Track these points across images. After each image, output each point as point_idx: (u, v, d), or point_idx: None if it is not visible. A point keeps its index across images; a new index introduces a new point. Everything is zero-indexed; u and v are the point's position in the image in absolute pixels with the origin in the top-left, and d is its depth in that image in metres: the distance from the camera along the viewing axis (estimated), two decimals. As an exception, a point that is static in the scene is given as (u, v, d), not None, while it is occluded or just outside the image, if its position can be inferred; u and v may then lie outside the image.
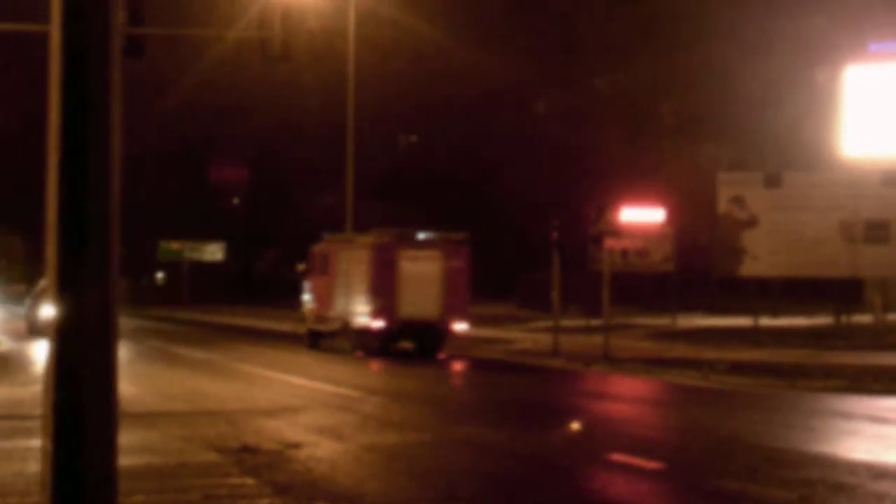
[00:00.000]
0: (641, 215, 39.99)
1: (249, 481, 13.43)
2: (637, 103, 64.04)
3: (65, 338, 3.76)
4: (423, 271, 35.16)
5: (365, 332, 35.28)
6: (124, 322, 42.91)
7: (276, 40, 31.03)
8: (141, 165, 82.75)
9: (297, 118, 75.77)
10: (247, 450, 15.59)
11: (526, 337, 41.56)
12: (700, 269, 50.19)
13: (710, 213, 46.01)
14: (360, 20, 49.83)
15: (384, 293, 34.73)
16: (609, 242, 35.52)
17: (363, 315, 35.38)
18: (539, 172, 66.63)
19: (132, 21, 30.04)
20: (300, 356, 35.46)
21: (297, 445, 16.00)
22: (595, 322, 39.95)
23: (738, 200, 44.20)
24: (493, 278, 67.19)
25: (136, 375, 28.69)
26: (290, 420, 18.97)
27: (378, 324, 34.75)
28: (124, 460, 13.73)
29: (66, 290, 3.75)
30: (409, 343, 35.90)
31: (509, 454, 15.65)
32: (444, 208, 71.29)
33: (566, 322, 39.08)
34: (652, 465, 14.56)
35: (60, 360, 3.76)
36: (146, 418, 19.15)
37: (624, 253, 40.57)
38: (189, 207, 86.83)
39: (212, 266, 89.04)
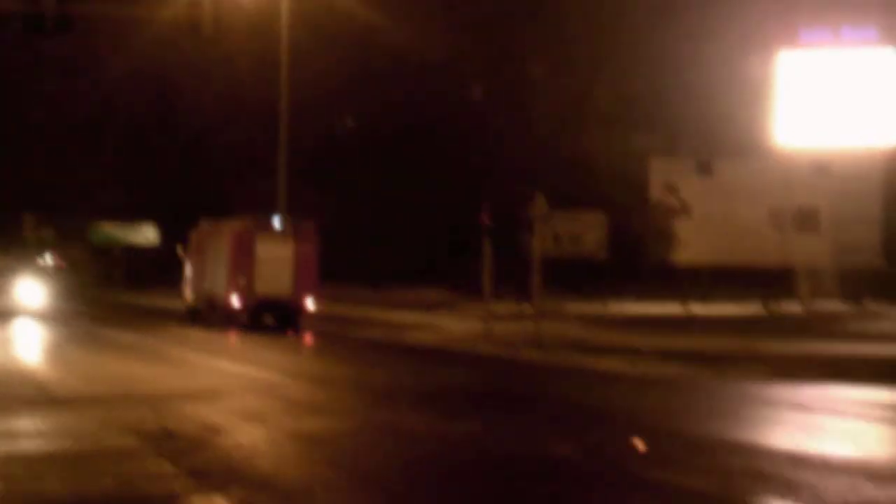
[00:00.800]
0: (572, 201, 39.97)
1: (166, 466, 13.24)
2: (570, 89, 64.01)
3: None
4: (277, 254, 39.32)
5: (227, 308, 39.63)
6: (55, 305, 42.53)
7: (207, 20, 30.71)
8: (70, 143, 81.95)
9: (231, 100, 75.13)
10: (166, 434, 15.38)
11: (457, 323, 41.49)
12: (632, 255, 50.33)
13: (643, 200, 46.16)
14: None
15: (242, 273, 39.24)
16: (540, 227, 35.48)
17: (225, 293, 39.72)
18: (473, 156, 66.47)
19: (60, -1, 29.70)
20: (230, 339, 35.24)
21: (218, 430, 15.81)
22: (528, 308, 39.94)
23: (670, 188, 44.38)
24: (427, 264, 67.05)
25: (61, 359, 28.43)
26: (213, 404, 18.75)
27: (236, 301, 39.29)
28: (40, 445, 13.54)
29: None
30: (270, 319, 40.17)
31: (431, 440, 15.54)
32: (379, 192, 71.05)
33: (499, 308, 39.05)
34: (571, 453, 14.49)
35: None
36: (66, 402, 18.91)
37: (556, 238, 40.54)
38: (120, 187, 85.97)
39: (145, 247, 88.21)
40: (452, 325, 40.57)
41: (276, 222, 40.60)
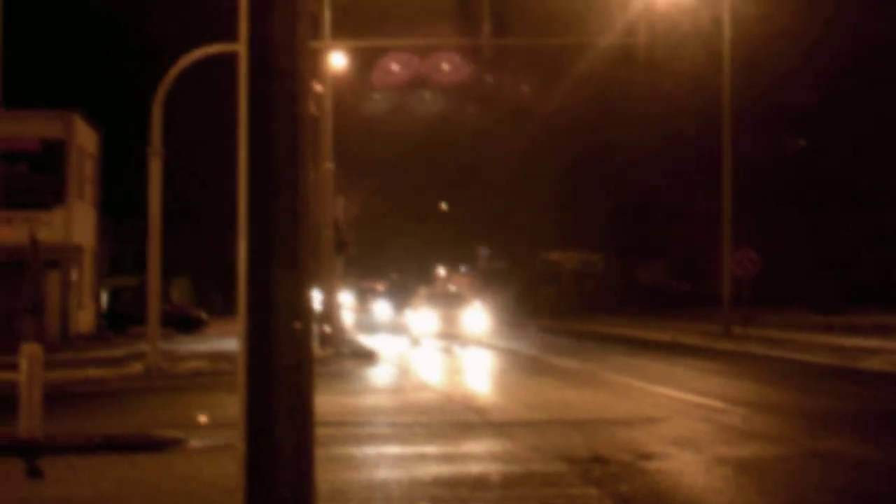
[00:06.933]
0: None
1: (591, 492, 13.17)
2: None
3: (254, 333, 3.57)
4: (462, 281, 74.37)
5: None
6: (506, 332, 43.77)
7: (642, 46, 30.68)
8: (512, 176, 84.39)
9: (670, 122, 74.87)
10: (596, 460, 15.32)
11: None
12: None
13: None
14: (736, 16, 48.66)
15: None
16: None
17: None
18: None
19: (497, 31, 30.50)
20: (673, 367, 34.79)
21: (649, 457, 15.62)
22: None
23: None
24: (883, 287, 64.48)
25: (504, 385, 29.07)
26: (647, 431, 18.55)
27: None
28: (470, 468, 13.76)
29: (254, 284, 3.56)
30: None
31: (872, 469, 14.76)
32: (825, 214, 68.99)
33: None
34: None
35: (250, 356, 3.57)
36: (503, 427, 19.20)
37: None
38: (568, 218, 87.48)
39: (592, 275, 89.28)
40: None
41: (462, 269, 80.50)
